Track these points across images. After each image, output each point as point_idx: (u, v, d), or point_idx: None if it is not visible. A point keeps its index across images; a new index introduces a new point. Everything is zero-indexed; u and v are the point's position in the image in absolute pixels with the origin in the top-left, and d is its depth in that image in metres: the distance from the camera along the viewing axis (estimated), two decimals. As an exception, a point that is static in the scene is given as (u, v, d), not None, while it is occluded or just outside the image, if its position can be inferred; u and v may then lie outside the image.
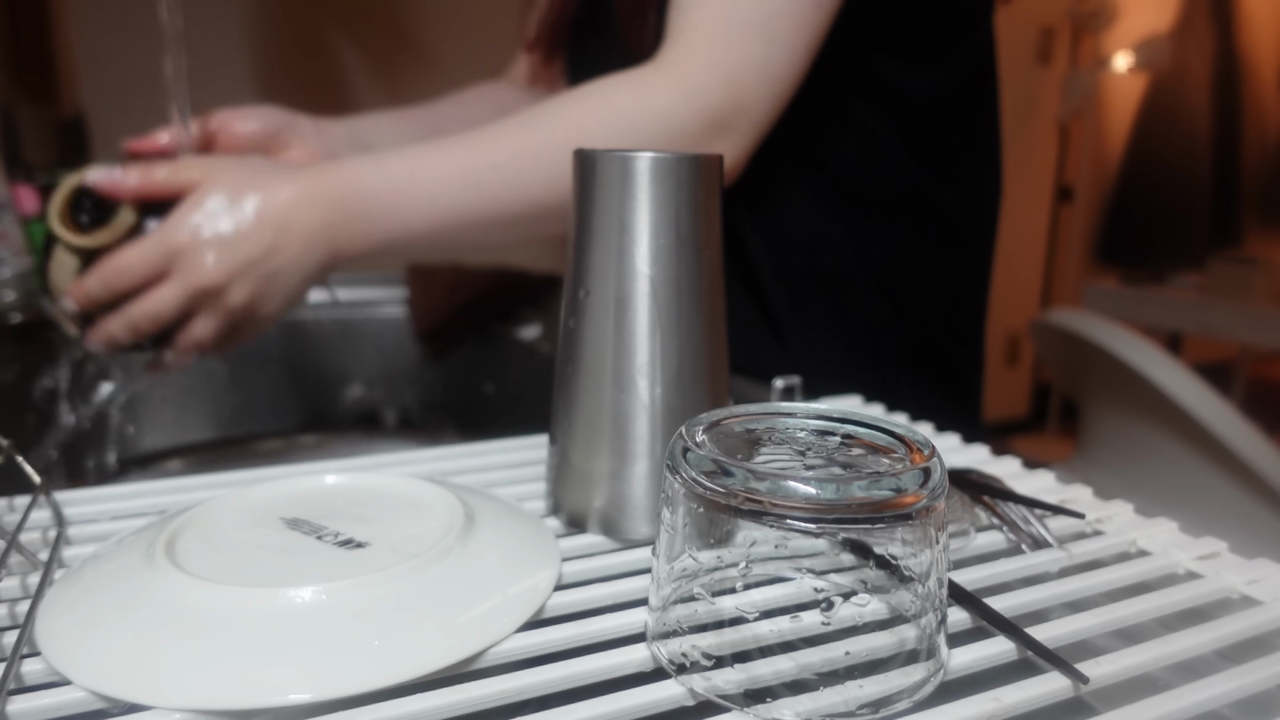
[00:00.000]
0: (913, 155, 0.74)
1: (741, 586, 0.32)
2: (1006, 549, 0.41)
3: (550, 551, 0.38)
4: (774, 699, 0.28)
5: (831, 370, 0.76)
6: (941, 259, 0.78)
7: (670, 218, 0.40)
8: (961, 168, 0.77)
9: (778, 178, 0.73)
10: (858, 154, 0.74)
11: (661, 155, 0.39)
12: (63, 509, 0.42)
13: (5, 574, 0.36)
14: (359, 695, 0.28)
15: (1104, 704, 0.29)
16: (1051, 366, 2.17)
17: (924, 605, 0.30)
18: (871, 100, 0.73)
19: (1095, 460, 1.60)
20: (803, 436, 0.33)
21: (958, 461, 0.50)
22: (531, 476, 0.48)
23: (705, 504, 0.29)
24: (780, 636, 0.30)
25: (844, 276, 0.76)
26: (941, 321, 0.79)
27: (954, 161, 0.76)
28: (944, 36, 0.73)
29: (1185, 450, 1.36)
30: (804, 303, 0.76)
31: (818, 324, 0.77)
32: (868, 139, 0.74)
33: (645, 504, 0.41)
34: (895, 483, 0.28)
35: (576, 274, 0.42)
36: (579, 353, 0.42)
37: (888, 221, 0.76)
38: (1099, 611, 0.35)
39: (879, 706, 0.28)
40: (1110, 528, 0.43)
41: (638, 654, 0.31)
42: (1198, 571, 0.39)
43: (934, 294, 0.78)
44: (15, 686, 0.29)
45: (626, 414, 0.41)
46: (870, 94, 0.72)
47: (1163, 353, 1.39)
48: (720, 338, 0.43)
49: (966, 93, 0.76)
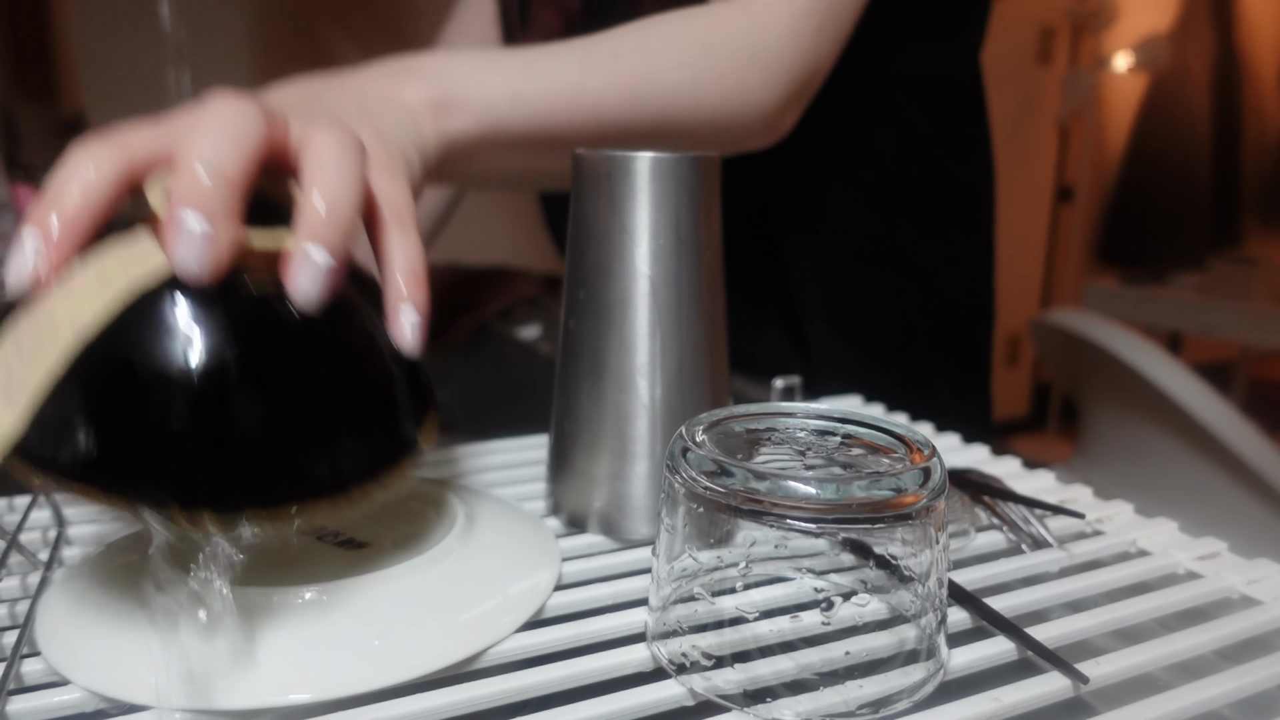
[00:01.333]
0: (938, 134, 0.75)
1: (741, 586, 0.32)
2: (1006, 549, 0.41)
3: (550, 551, 0.38)
4: (774, 699, 0.28)
5: (859, 354, 0.75)
6: (963, 238, 0.78)
7: (670, 218, 0.40)
8: (974, 145, 0.77)
9: (821, 168, 0.72)
10: (894, 137, 0.74)
11: (661, 155, 0.39)
12: (63, 509, 0.42)
13: (5, 574, 0.36)
14: (359, 695, 0.28)
15: (1104, 704, 0.29)
16: (1051, 366, 2.17)
17: (924, 605, 0.30)
18: (903, 79, 0.72)
19: (1095, 460, 1.60)
20: (803, 436, 0.33)
21: (958, 461, 0.50)
22: (531, 476, 0.48)
23: (705, 504, 0.29)
24: (780, 636, 0.30)
25: (879, 261, 0.76)
26: (966, 301, 0.79)
27: (967, 139, 0.76)
28: (958, 12, 0.73)
29: (1185, 450, 1.36)
30: (844, 295, 0.76)
31: (854, 313, 0.76)
32: (901, 120, 0.73)
33: (645, 504, 0.41)
34: (895, 483, 0.28)
35: (576, 274, 0.42)
36: (579, 353, 0.42)
37: (920, 203, 0.76)
38: (1099, 611, 0.35)
39: (879, 706, 0.28)
40: (1110, 528, 0.43)
41: (638, 654, 0.31)
42: (1198, 571, 0.39)
43: (959, 274, 0.78)
44: (15, 686, 0.29)
45: (626, 414, 0.41)
46: (902, 73, 0.72)
47: (1163, 353, 1.38)
48: (720, 338, 0.43)
49: (974, 69, 0.76)
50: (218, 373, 0.27)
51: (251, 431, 0.27)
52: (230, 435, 0.27)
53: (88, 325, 0.26)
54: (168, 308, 0.27)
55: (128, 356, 0.26)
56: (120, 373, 0.26)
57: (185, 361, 0.26)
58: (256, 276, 0.29)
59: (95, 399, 0.26)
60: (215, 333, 0.27)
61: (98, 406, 0.26)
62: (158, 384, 0.26)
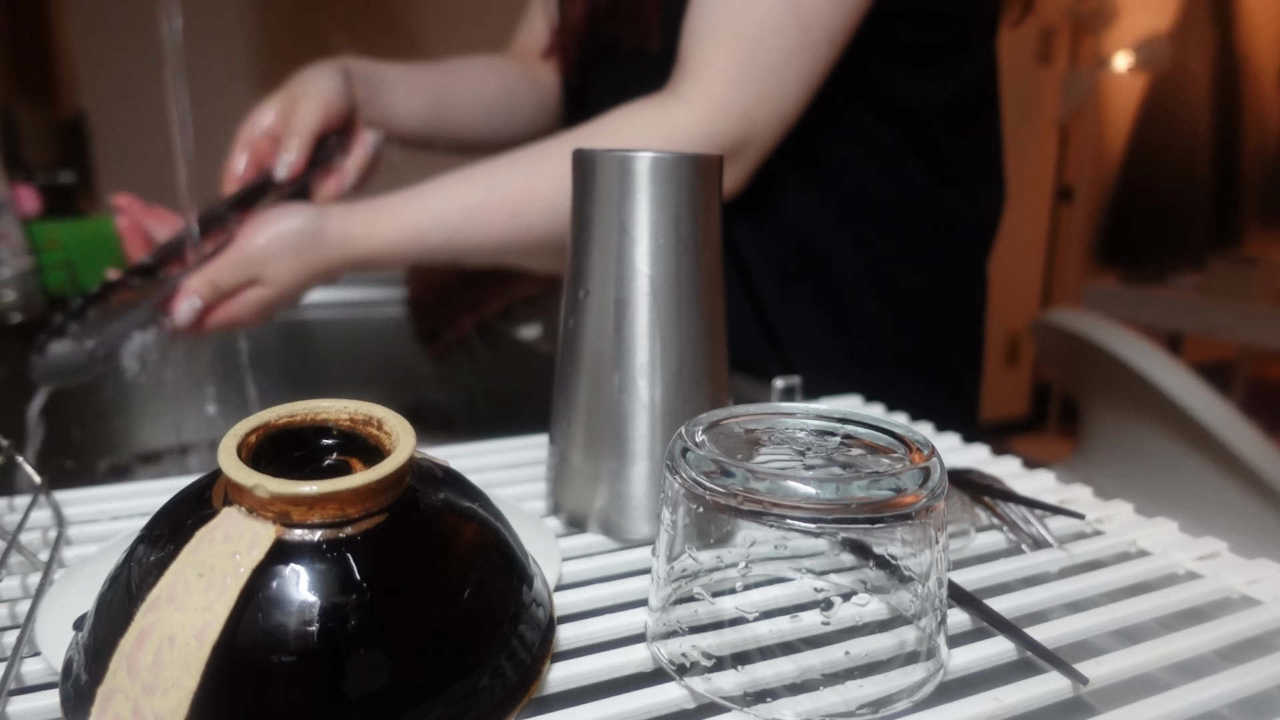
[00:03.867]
0: (916, 161, 0.75)
1: (741, 587, 0.32)
2: (1006, 549, 0.41)
3: (550, 551, 0.38)
4: (774, 699, 0.28)
5: (825, 370, 0.76)
6: (942, 263, 0.78)
7: (670, 218, 0.40)
8: (963, 173, 0.77)
9: (777, 179, 0.73)
10: (859, 159, 0.75)
11: (661, 155, 0.39)
12: (63, 509, 0.42)
13: (5, 574, 0.36)
14: (359, 695, 0.28)
15: (1104, 704, 0.29)
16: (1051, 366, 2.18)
17: (924, 605, 0.30)
18: (874, 108, 0.74)
19: (1095, 460, 1.60)
20: (802, 436, 0.33)
21: (958, 461, 0.50)
22: (531, 476, 0.48)
23: (705, 504, 0.29)
24: (780, 637, 0.30)
25: (842, 277, 0.76)
26: (940, 324, 0.79)
27: (955, 167, 0.77)
28: (947, 50, 0.74)
29: (1185, 450, 1.36)
30: (799, 302, 0.77)
31: (813, 324, 0.77)
32: (870, 145, 0.75)
33: (645, 504, 0.41)
34: (895, 483, 0.28)
35: (576, 274, 0.42)
36: (579, 353, 0.42)
37: (889, 224, 0.76)
38: (1099, 612, 0.35)
39: (879, 706, 0.28)
40: (1110, 528, 0.43)
41: (638, 654, 0.31)
42: (1198, 571, 0.39)
43: (933, 297, 0.78)
44: (15, 686, 0.29)
45: (626, 414, 0.41)
46: (874, 103, 0.73)
47: (1163, 353, 1.38)
48: (720, 338, 0.43)
49: (968, 102, 0.76)
50: (357, 634, 0.25)
51: (405, 683, 0.25)
52: (387, 692, 0.25)
53: (214, 635, 0.24)
54: (281, 588, 0.25)
55: (264, 649, 0.24)
56: (262, 668, 0.24)
57: (326, 632, 0.25)
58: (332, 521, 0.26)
59: (246, 701, 0.24)
60: (336, 594, 0.25)
61: (252, 709, 0.24)
62: (303, 665, 0.25)
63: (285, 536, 0.26)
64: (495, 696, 0.27)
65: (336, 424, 0.30)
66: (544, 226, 0.65)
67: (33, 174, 0.95)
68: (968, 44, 0.75)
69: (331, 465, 0.30)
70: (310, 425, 0.30)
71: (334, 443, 0.30)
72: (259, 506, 0.26)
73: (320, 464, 0.30)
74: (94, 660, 0.26)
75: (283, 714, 0.24)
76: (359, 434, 0.30)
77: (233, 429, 0.28)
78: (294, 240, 0.64)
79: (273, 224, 0.65)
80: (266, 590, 0.25)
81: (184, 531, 0.26)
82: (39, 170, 0.98)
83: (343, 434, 0.30)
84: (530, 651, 0.29)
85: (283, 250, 0.64)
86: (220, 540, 0.26)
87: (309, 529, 0.26)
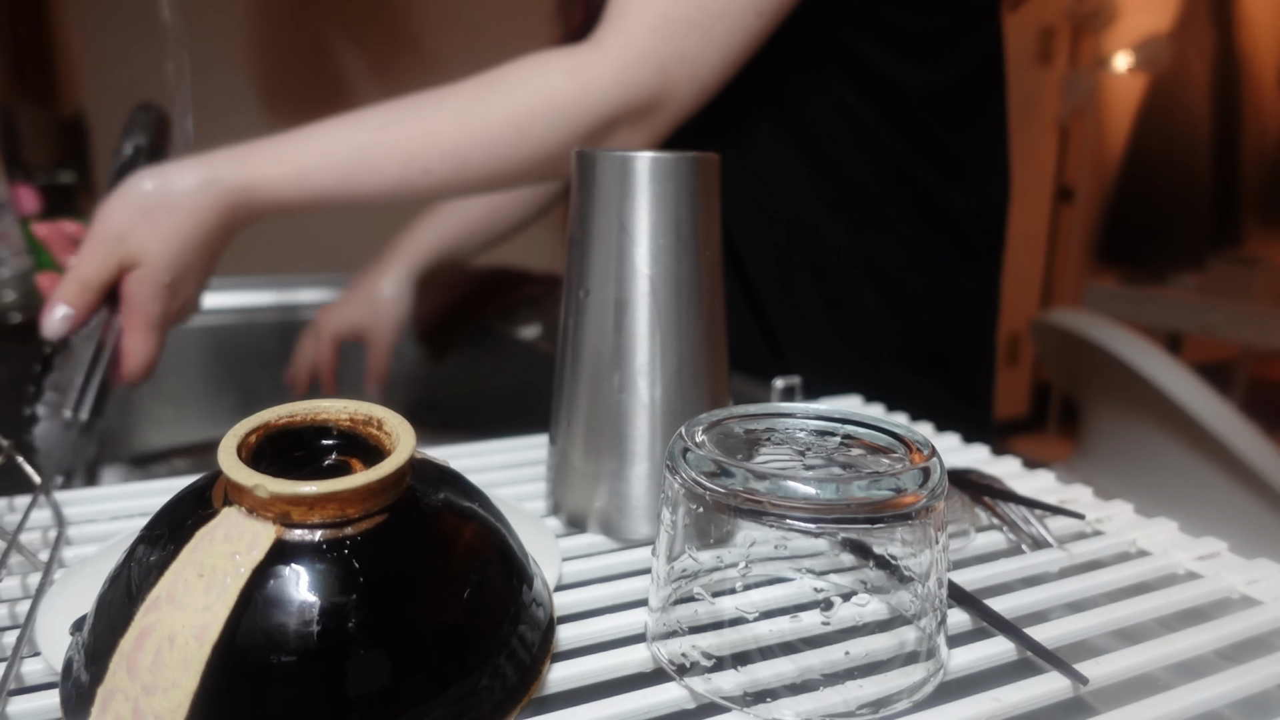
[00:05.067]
0: (910, 151, 0.75)
1: (741, 587, 0.32)
2: (1006, 549, 0.41)
3: (550, 551, 0.38)
4: (774, 699, 0.28)
5: (824, 364, 0.76)
6: (941, 257, 0.78)
7: (670, 218, 0.40)
8: (963, 167, 0.77)
9: (773, 169, 0.73)
10: (854, 147, 0.74)
11: (661, 155, 0.39)
12: (63, 509, 0.42)
13: (5, 574, 0.36)
14: (359, 695, 0.28)
15: (1104, 704, 0.29)
16: (1051, 366, 2.18)
17: (924, 605, 0.30)
18: (869, 96, 0.73)
19: (1095, 460, 1.60)
20: (802, 436, 0.33)
21: (958, 461, 0.50)
22: (531, 476, 0.48)
23: (705, 504, 0.29)
24: (780, 637, 0.30)
25: (839, 269, 0.76)
26: (942, 319, 0.78)
27: (954, 159, 0.76)
28: (942, 34, 0.73)
29: (1185, 450, 1.36)
30: (796, 294, 0.76)
31: (811, 317, 0.77)
32: (864, 133, 0.74)
33: (645, 504, 0.41)
34: (895, 483, 0.28)
35: (576, 274, 0.42)
36: (579, 353, 0.42)
37: (888, 217, 0.76)
38: (1099, 612, 0.35)
39: (879, 706, 0.28)
40: (1110, 528, 0.43)
41: (638, 654, 0.31)
42: (1198, 571, 0.39)
43: (933, 292, 0.78)
44: (15, 686, 0.29)
45: (626, 414, 0.41)
46: (869, 90, 0.73)
47: (1163, 353, 1.39)
48: (720, 338, 0.43)
49: (968, 90, 0.76)
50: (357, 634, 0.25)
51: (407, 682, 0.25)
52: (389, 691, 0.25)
53: (214, 635, 0.24)
54: (281, 588, 0.25)
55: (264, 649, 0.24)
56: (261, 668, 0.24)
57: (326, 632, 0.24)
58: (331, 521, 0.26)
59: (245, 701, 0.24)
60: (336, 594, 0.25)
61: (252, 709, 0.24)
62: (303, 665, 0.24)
63: (285, 536, 0.26)
64: (495, 696, 0.27)
65: (336, 424, 0.30)
66: (442, 170, 0.60)
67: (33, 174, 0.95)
68: (962, 31, 0.74)
69: (331, 465, 0.30)
70: (310, 425, 0.30)
71: (334, 443, 0.30)
72: (259, 506, 0.26)
73: (320, 464, 0.30)
74: (94, 660, 0.26)
75: (283, 714, 0.24)
76: (359, 434, 0.30)
77: (233, 429, 0.28)
78: (145, 203, 0.56)
79: (118, 194, 0.57)
80: (266, 590, 0.25)
81: (184, 531, 0.26)
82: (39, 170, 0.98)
83: (343, 434, 0.30)
84: (530, 651, 0.29)
85: (135, 218, 0.56)
86: (220, 540, 0.26)
87: (309, 529, 0.26)
